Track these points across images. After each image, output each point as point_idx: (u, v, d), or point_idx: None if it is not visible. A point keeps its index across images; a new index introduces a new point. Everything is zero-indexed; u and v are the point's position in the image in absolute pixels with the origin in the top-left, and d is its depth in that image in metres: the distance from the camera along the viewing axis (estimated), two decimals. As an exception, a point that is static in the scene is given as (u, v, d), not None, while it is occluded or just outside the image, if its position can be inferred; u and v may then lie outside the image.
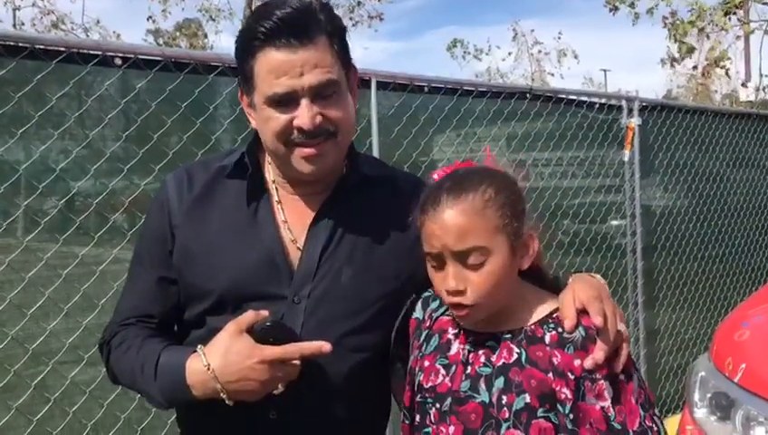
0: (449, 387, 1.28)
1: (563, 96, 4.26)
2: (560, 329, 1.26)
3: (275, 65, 1.29)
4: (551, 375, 1.22)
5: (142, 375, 1.35)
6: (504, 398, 1.23)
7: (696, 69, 12.92)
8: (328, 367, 1.35)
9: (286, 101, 1.31)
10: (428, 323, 1.40)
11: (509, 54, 25.10)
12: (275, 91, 1.30)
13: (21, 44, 2.36)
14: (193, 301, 1.41)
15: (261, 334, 1.26)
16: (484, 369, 1.27)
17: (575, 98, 4.30)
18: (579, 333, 1.24)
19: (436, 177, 1.33)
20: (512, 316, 1.31)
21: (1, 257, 2.29)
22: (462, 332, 1.33)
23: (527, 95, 3.96)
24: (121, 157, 2.57)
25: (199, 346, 1.30)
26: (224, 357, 1.25)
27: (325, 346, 1.27)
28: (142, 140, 2.58)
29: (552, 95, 4.20)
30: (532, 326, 1.29)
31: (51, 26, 15.75)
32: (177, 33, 18.45)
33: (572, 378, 1.22)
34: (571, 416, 1.21)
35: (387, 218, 1.43)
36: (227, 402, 1.27)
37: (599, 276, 1.38)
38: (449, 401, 1.27)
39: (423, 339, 1.38)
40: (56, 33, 14.65)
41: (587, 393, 1.22)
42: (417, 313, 1.43)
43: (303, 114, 1.30)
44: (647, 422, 1.24)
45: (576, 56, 23.31)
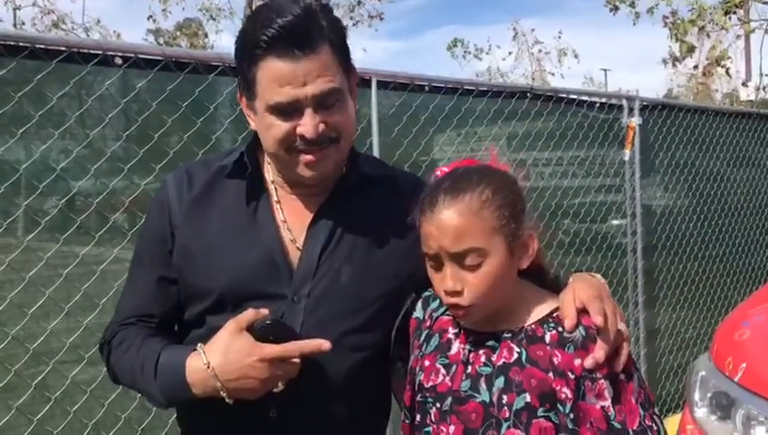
0: (450, 386, 1.28)
1: (564, 95, 4.25)
2: (560, 328, 1.26)
3: (278, 75, 1.28)
4: (551, 375, 1.22)
5: (142, 374, 1.35)
6: (505, 397, 1.23)
7: (697, 68, 12.91)
8: (328, 366, 1.35)
9: (289, 111, 1.30)
10: (429, 323, 1.39)
11: (509, 54, 25.14)
12: (278, 101, 1.29)
13: (21, 44, 2.36)
14: (193, 300, 1.42)
15: (261, 333, 1.26)
16: (484, 368, 1.27)
17: (575, 97, 4.29)
18: (579, 332, 1.24)
19: (439, 174, 1.33)
20: (512, 316, 1.31)
21: (1, 257, 2.29)
22: (462, 331, 1.33)
23: (527, 95, 3.95)
24: (122, 156, 2.57)
25: (199, 344, 1.30)
26: (224, 355, 1.26)
27: (325, 344, 1.27)
28: (143, 139, 2.58)
29: (553, 95, 4.19)
30: (533, 326, 1.29)
31: (51, 26, 15.73)
32: (178, 33, 18.43)
33: (573, 377, 1.22)
34: (572, 415, 1.21)
35: (387, 218, 1.43)
36: (227, 401, 1.27)
37: (599, 276, 1.38)
38: (450, 400, 1.27)
39: (423, 339, 1.38)
40: (56, 32, 14.62)
41: (587, 393, 1.22)
42: (418, 312, 1.43)
43: (307, 123, 1.30)
44: (647, 422, 1.24)
45: (576, 56, 23.35)
